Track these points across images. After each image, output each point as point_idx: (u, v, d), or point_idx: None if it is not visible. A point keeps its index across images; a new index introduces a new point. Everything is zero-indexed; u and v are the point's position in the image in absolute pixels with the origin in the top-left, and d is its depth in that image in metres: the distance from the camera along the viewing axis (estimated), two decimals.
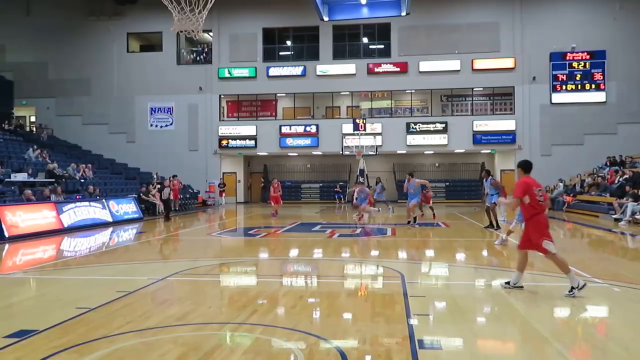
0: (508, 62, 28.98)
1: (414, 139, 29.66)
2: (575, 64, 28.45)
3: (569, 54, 28.45)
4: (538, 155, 28.55)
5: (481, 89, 30.19)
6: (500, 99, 30.44)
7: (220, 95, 31.25)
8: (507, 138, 29.03)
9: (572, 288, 6.25)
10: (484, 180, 14.86)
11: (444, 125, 29.42)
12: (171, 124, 31.23)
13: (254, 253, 10.82)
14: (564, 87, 28.63)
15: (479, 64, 29.12)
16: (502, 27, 29.10)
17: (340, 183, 31.01)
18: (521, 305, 6.11)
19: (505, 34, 29.08)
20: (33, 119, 32.56)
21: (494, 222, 14.31)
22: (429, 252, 10.53)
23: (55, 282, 7.83)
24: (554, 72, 28.63)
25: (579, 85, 28.49)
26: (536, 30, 28.74)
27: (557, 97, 28.72)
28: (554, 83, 28.65)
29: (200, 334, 5.01)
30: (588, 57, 28.38)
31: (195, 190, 28.68)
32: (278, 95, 31.71)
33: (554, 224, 16.96)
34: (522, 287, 6.67)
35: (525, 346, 4.68)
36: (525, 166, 6.57)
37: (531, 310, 5.89)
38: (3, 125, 26.57)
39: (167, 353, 4.39)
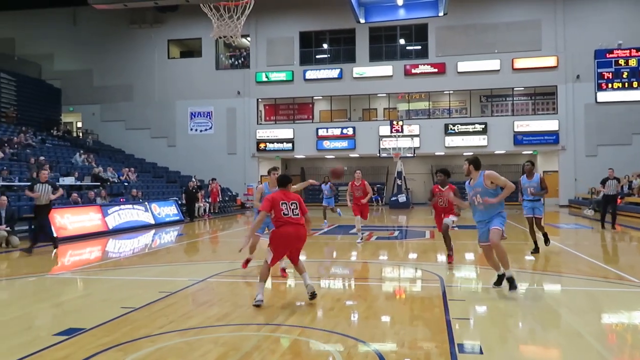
0: (550, 61, 28.21)
1: (452, 141, 29.22)
2: (621, 62, 27.37)
3: (615, 51, 27.43)
4: (583, 156, 27.70)
5: (522, 88, 29.50)
6: (543, 98, 29.66)
7: (257, 99, 31.63)
8: (550, 138, 28.24)
9: (259, 297, 6.10)
10: (524, 176, 10.12)
11: (483, 126, 28.87)
12: (210, 128, 31.80)
13: None
14: (610, 85, 27.57)
15: (520, 63, 28.46)
16: (544, 25, 28.35)
17: (378, 185, 30.85)
18: (565, 310, 5.94)
19: (547, 32, 28.33)
20: (79, 124, 33.78)
21: (538, 242, 10.18)
22: (469, 255, 10.34)
23: (101, 282, 8.09)
24: (599, 70, 27.62)
25: (626, 84, 27.38)
26: (580, 27, 27.89)
27: (603, 96, 27.68)
28: (599, 81, 27.63)
29: (240, 335, 5.08)
30: (636, 53, 27.29)
31: (234, 193, 29.10)
32: (315, 98, 31.84)
33: (594, 224, 16.36)
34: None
35: (569, 352, 4.54)
36: (280, 181, 6.60)
37: (576, 315, 5.71)
38: (52, 131, 27.73)
39: (207, 353, 4.47)
